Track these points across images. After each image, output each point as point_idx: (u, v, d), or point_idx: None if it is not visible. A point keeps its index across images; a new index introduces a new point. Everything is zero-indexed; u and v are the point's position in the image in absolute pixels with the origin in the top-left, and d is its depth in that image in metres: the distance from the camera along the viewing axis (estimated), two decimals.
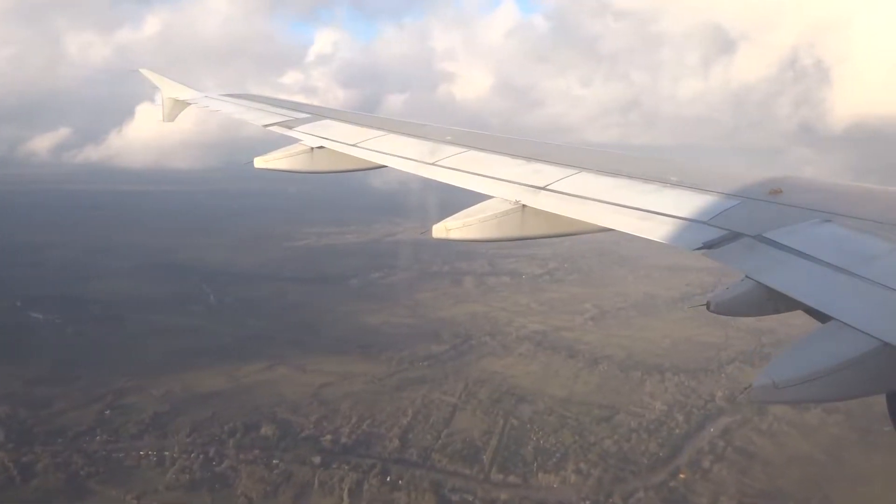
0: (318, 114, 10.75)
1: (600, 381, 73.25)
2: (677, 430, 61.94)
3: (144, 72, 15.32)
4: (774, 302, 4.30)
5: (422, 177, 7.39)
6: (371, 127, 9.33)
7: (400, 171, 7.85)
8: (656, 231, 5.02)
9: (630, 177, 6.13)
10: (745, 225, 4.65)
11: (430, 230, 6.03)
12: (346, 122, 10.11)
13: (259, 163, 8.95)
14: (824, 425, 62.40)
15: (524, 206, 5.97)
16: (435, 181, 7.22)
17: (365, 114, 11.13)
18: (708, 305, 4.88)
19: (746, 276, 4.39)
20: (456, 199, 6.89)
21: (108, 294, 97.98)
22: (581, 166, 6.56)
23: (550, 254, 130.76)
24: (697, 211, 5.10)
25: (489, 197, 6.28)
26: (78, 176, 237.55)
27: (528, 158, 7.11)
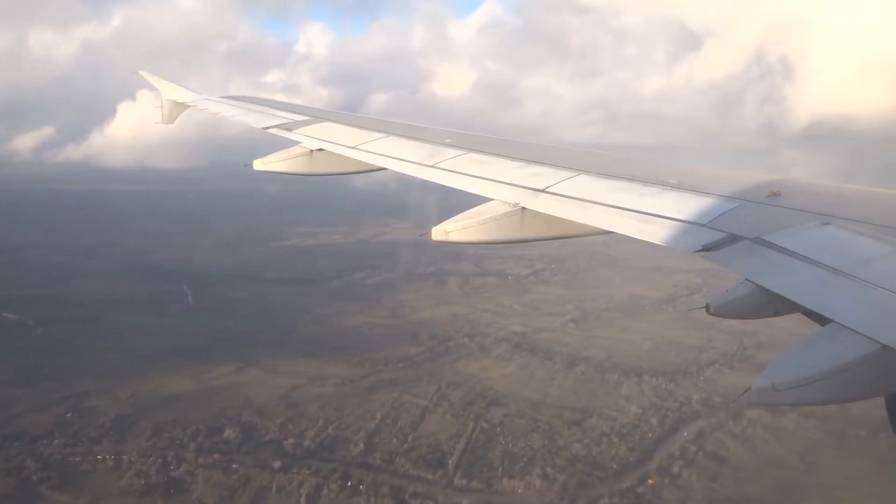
0: (317, 116, 10.76)
1: (576, 384, 72.05)
2: (650, 434, 60.74)
3: (144, 74, 15.52)
4: (774, 304, 4.29)
5: (421, 179, 7.38)
6: (370, 129, 9.32)
7: (398, 173, 7.82)
8: (656, 234, 5.01)
9: (630, 179, 6.14)
10: (745, 227, 4.65)
11: (428, 232, 5.99)
12: (346, 124, 10.12)
13: (258, 165, 8.89)
14: (800, 429, 61.20)
15: (523, 208, 5.97)
16: (432, 183, 7.25)
17: (364, 116, 11.14)
18: (707, 308, 4.83)
19: (746, 279, 4.39)
20: (450, 200, 6.99)
21: (85, 294, 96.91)
22: (581, 169, 6.57)
23: (538, 255, 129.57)
24: (697, 213, 5.11)
25: (488, 199, 6.27)
26: (61, 175, 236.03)
27: (528, 161, 7.13)
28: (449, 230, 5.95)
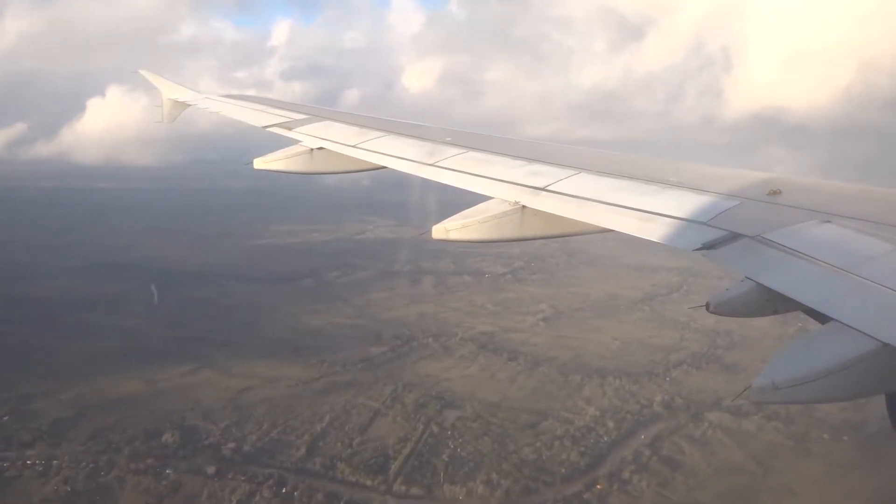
0: (317, 114, 10.78)
1: (537, 385, 70.17)
2: (605, 438, 58.85)
3: (144, 73, 15.44)
4: (773, 303, 4.30)
5: (421, 177, 7.39)
6: (370, 128, 9.33)
7: (399, 171, 7.86)
8: (656, 232, 5.00)
9: (630, 177, 6.14)
10: (745, 226, 4.64)
11: (428, 230, 5.99)
12: (346, 122, 10.14)
13: (259, 164, 8.86)
14: (761, 432, 59.40)
15: (523, 206, 5.97)
16: (426, 181, 7.30)
17: (364, 114, 11.09)
18: (707, 306, 4.83)
19: (746, 277, 4.44)
20: (444, 198, 7.04)
21: (49, 294, 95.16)
22: (581, 167, 6.58)
23: (519, 253, 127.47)
24: (697, 212, 5.10)
25: (488, 198, 6.27)
26: (34, 173, 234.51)
27: (528, 159, 7.15)
28: (449, 228, 5.93)
